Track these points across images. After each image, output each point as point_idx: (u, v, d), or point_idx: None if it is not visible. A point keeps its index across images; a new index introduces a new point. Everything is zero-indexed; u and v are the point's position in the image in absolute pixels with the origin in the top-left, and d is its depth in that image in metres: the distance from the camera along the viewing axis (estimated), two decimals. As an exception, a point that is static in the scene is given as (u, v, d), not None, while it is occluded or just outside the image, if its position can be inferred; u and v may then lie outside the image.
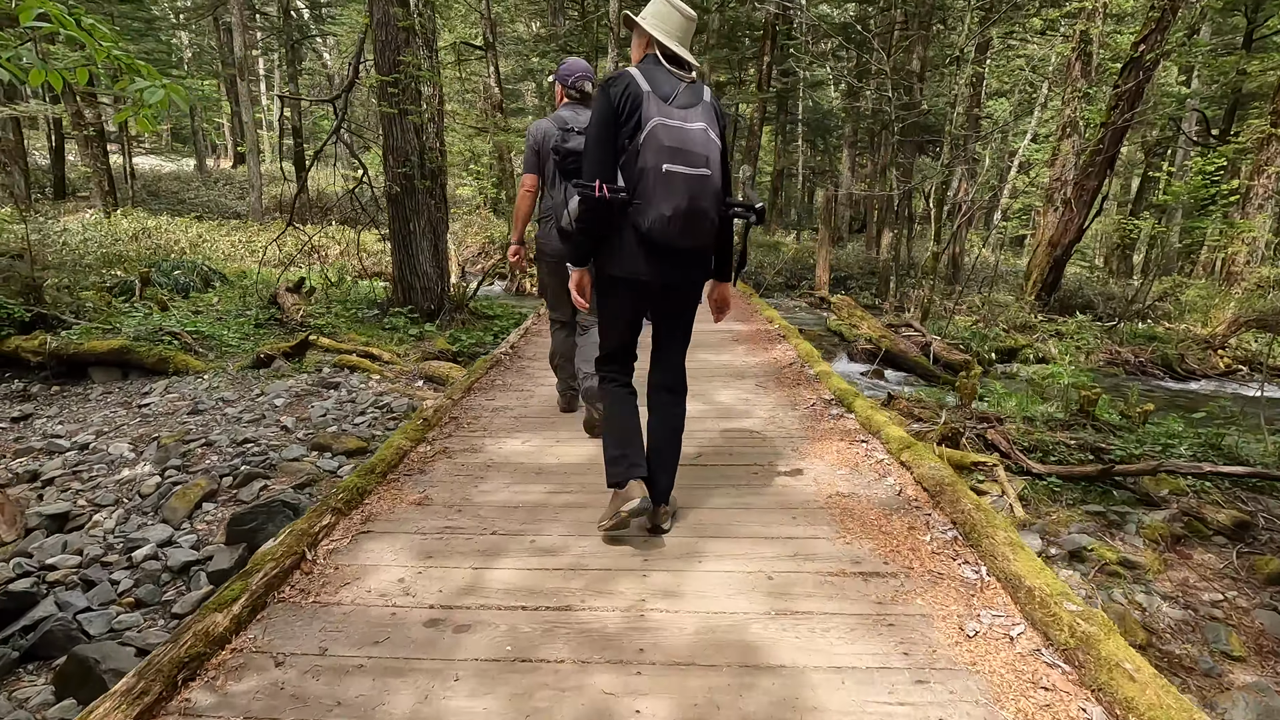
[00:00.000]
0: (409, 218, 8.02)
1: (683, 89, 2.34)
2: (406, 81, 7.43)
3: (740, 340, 6.16)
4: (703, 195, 2.29)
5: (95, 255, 10.26)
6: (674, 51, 2.36)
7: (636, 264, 2.38)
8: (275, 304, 7.59)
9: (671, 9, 2.38)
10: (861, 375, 9.31)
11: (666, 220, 2.25)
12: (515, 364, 5.32)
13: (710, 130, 2.34)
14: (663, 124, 2.24)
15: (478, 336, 7.95)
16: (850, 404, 4.21)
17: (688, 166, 2.25)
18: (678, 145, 2.24)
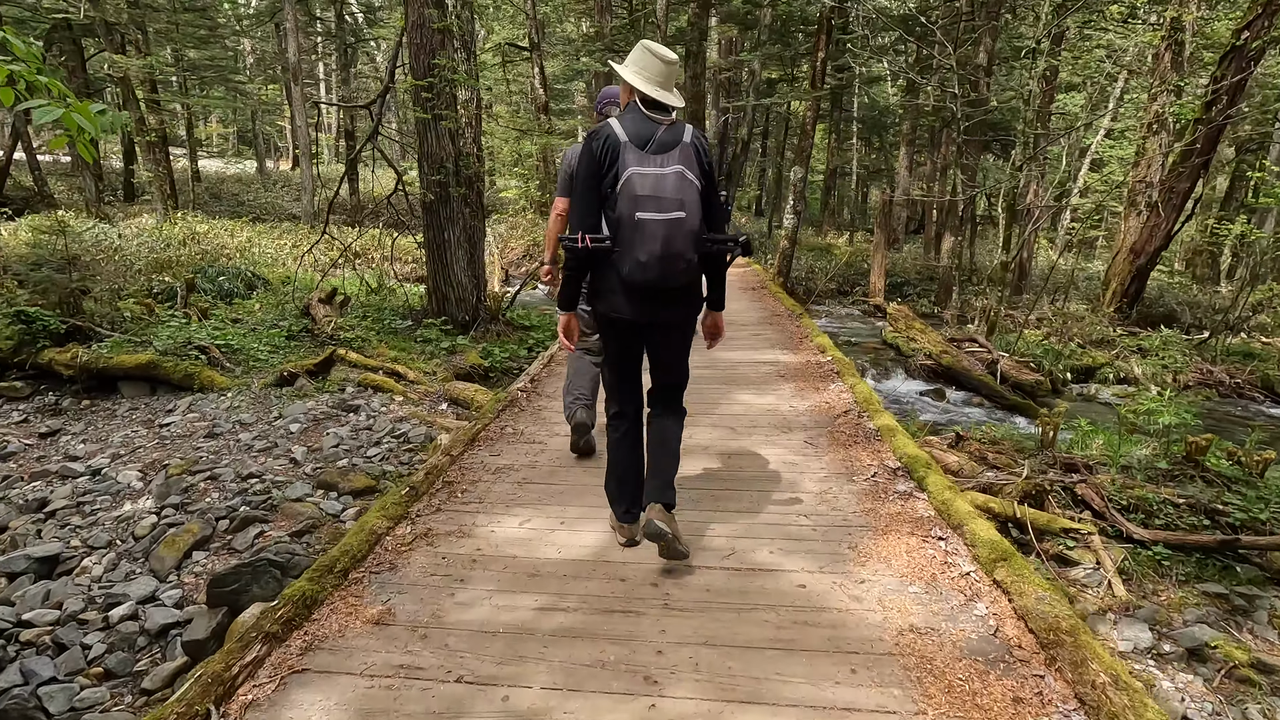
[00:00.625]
0: (444, 226, 7.72)
1: (661, 133, 2.39)
2: (441, 85, 7.11)
3: (787, 376, 5.36)
4: (676, 238, 2.33)
5: (145, 260, 10.35)
6: (652, 97, 2.41)
7: (620, 304, 2.48)
8: (308, 315, 7.40)
9: (651, 55, 2.43)
10: (920, 395, 8.61)
11: (642, 265, 2.34)
12: (531, 404, 4.70)
13: (688, 172, 2.37)
14: (637, 173, 2.32)
15: (511, 350, 7.59)
16: (922, 479, 3.40)
17: (660, 213, 2.31)
18: (649, 193, 2.31)
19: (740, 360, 5.50)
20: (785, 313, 7.63)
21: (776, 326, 6.88)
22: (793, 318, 7.39)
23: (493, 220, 18.70)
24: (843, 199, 29.43)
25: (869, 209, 31.24)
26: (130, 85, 14.92)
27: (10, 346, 6.20)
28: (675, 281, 2.42)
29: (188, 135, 25.25)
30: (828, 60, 12.48)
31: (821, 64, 12.26)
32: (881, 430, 3.96)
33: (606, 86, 3.53)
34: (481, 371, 7.14)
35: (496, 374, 7.23)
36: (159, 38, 17.80)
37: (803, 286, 14.34)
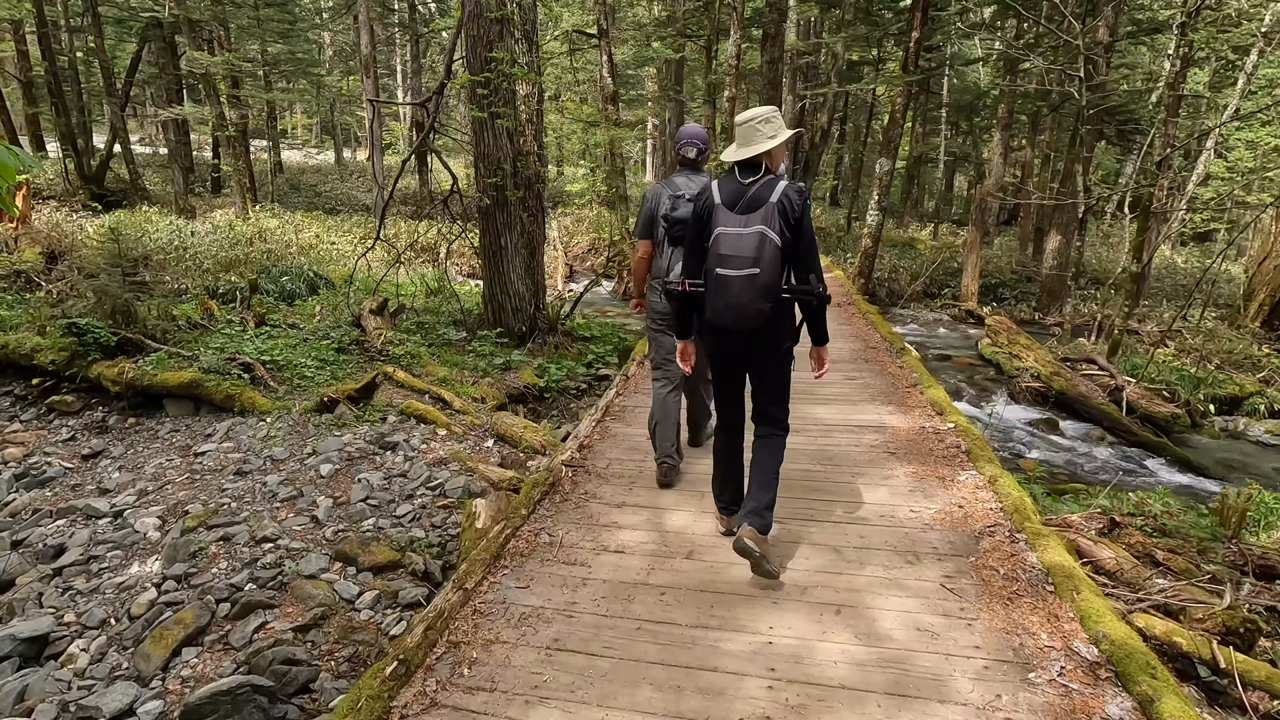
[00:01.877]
0: (500, 232, 7.13)
1: (751, 193, 2.59)
2: (497, 80, 6.47)
3: (900, 452, 3.89)
4: (747, 291, 2.56)
5: (214, 259, 10.27)
6: (741, 161, 2.65)
7: (708, 337, 2.82)
8: (359, 326, 6.98)
9: (737, 125, 2.67)
10: (1028, 425, 7.50)
11: (719, 312, 2.64)
12: (577, 491, 3.46)
13: (769, 230, 2.54)
14: (723, 232, 2.59)
15: (569, 367, 6.96)
16: (1150, 701, 2.00)
17: (735, 269, 2.56)
18: (729, 251, 2.57)
19: (836, 421, 4.37)
20: (881, 344, 6.34)
21: (874, 366, 5.58)
22: (891, 352, 5.99)
23: (557, 213, 18.19)
24: (925, 187, 27.48)
25: (954, 197, 29.11)
26: (212, 81, 15.05)
27: (63, 359, 5.99)
28: (748, 325, 2.62)
29: (270, 127, 25.83)
30: (922, 40, 11.18)
31: (915, 44, 10.97)
32: (1054, 574, 2.61)
33: (685, 126, 3.50)
34: (536, 393, 6.54)
35: (552, 394, 6.62)
36: (241, 33, 17.98)
37: (885, 289, 13.14)
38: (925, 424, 4.21)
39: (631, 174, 30.42)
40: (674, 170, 3.49)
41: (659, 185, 3.44)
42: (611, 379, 6.90)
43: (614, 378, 5.56)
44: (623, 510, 3.30)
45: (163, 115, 17.96)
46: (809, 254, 2.61)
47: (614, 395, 4.85)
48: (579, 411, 6.39)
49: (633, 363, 5.73)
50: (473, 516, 3.34)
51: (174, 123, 19.10)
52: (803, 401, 4.42)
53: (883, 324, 7.15)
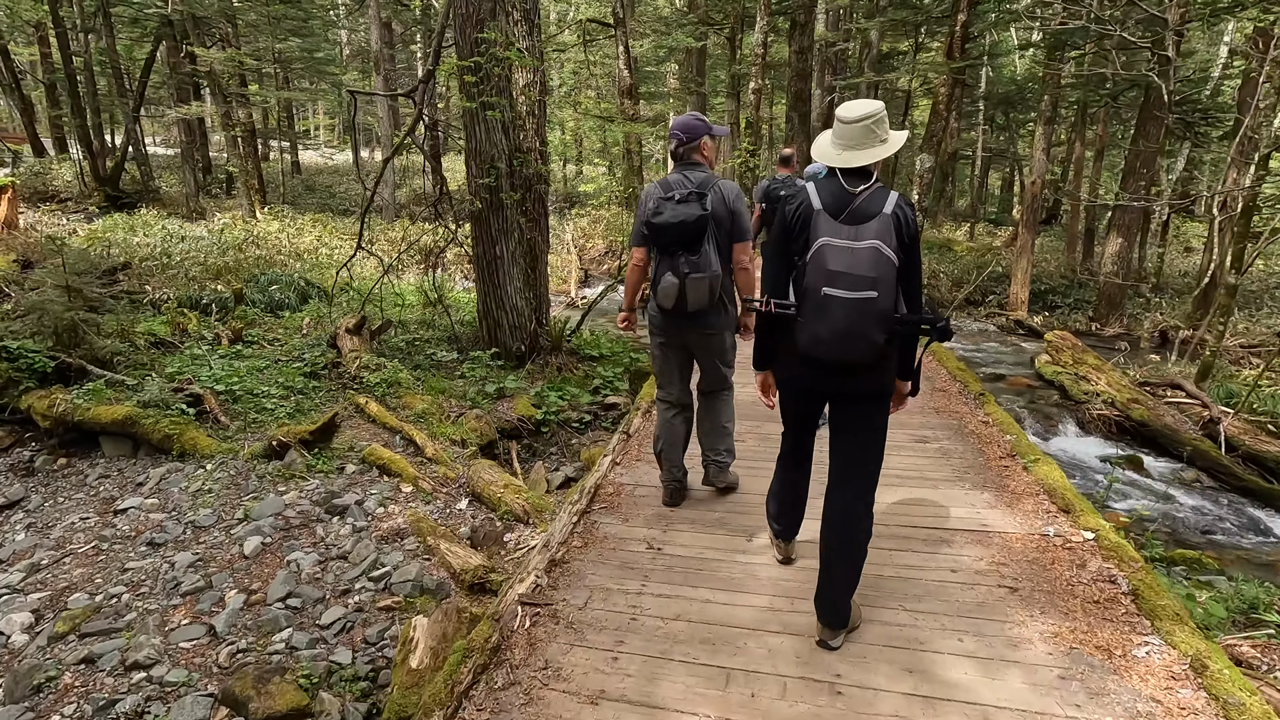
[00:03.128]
0: (495, 239, 6.19)
1: (859, 202, 2.13)
2: (489, 66, 5.52)
3: (1021, 589, 2.54)
4: (862, 319, 2.08)
5: (201, 267, 9.51)
6: (848, 167, 2.17)
7: (795, 369, 2.32)
8: (334, 346, 6.10)
9: (837, 120, 2.18)
10: (1105, 462, 6.38)
11: (821, 342, 2.13)
12: (533, 661, 2.20)
13: (884, 247, 2.08)
14: (829, 244, 2.11)
15: (571, 395, 6.00)
16: None
17: (848, 290, 2.07)
18: (840, 268, 2.08)
19: (913, 519, 3.07)
20: (950, 383, 4.99)
21: (949, 420, 4.22)
22: (967, 398, 4.61)
23: (573, 214, 17.25)
24: (958, 185, 26.05)
25: (987, 195, 27.58)
26: (218, 79, 14.37)
27: (-7, 387, 5.20)
28: (854, 359, 2.15)
29: (285, 128, 25.30)
30: (969, 25, 10.02)
31: (962, 29, 9.83)
32: None
33: (678, 117, 2.96)
34: (532, 426, 5.59)
35: (551, 428, 5.67)
36: (252, 31, 17.32)
37: (925, 296, 11.99)
38: (1046, 529, 2.90)
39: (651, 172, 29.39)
40: None
41: (654, 185, 2.95)
42: (619, 417, 5.94)
43: (623, 419, 4.43)
44: (598, 708, 2.01)
45: (170, 115, 17.40)
46: (920, 277, 2.23)
47: (607, 468, 3.50)
48: (580, 449, 5.43)
49: (637, 411, 4.44)
50: (408, 645, 2.39)
51: (185, 123, 18.54)
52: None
53: (946, 353, 5.87)
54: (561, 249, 14.79)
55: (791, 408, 2.45)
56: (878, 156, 2.15)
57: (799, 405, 2.43)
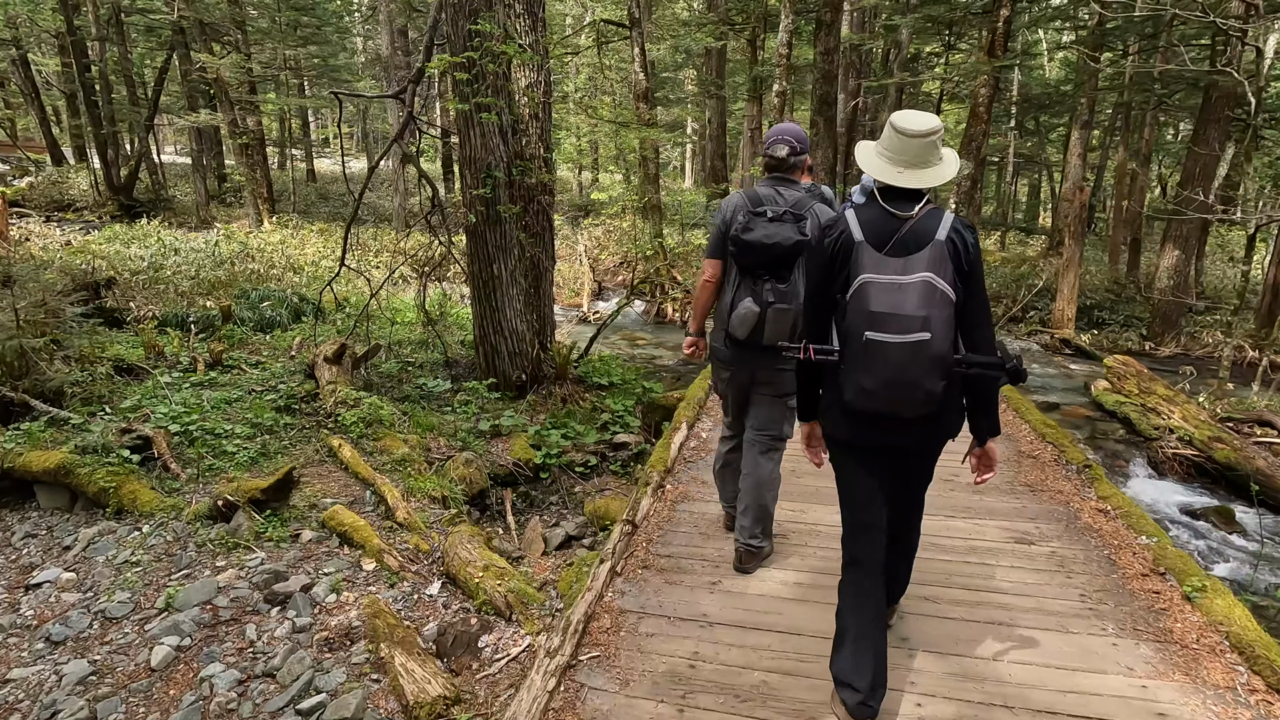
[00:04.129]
0: (492, 257, 5.49)
1: (908, 229, 1.83)
2: (483, 62, 4.82)
3: None
4: (914, 365, 1.78)
5: (192, 282, 8.93)
6: (894, 187, 1.88)
7: (841, 426, 2.00)
8: (312, 376, 5.43)
9: (894, 133, 1.86)
10: (1188, 515, 5.49)
11: (867, 393, 1.83)
12: None
13: (937, 280, 1.77)
14: (871, 282, 1.81)
15: (576, 433, 5.26)
16: None
17: (896, 334, 1.77)
18: (885, 309, 1.78)
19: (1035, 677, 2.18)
20: (1042, 447, 3.94)
21: (1051, 501, 3.27)
22: (1068, 468, 3.59)
23: (586, 223, 16.55)
24: (984, 192, 24.99)
25: (1015, 203, 26.50)
26: (224, 86, 13.90)
27: (-75, 425, 4.58)
28: (907, 412, 1.85)
29: (303, 135, 24.97)
30: (1012, 19, 9.17)
31: (1004, 25, 8.99)
32: None
33: (779, 124, 2.70)
34: (530, 471, 4.86)
35: (551, 473, 4.93)
36: (263, 37, 16.90)
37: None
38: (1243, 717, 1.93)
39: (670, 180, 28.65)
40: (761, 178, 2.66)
41: (738, 194, 2.66)
42: (630, 460, 5.18)
43: (630, 501, 3.50)
44: None
45: (179, 123, 17.03)
46: (984, 311, 1.90)
47: (603, 584, 2.58)
48: (584, 498, 4.69)
49: (646, 488, 3.38)
50: None
51: (196, 131, 18.17)
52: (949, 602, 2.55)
53: (1026, 403, 4.68)
54: (574, 260, 14.10)
55: (844, 476, 2.05)
56: (942, 178, 1.88)
57: (850, 468, 2.02)
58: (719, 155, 14.34)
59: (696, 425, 4.30)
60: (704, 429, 4.36)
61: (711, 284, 2.68)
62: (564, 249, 15.57)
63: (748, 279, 2.48)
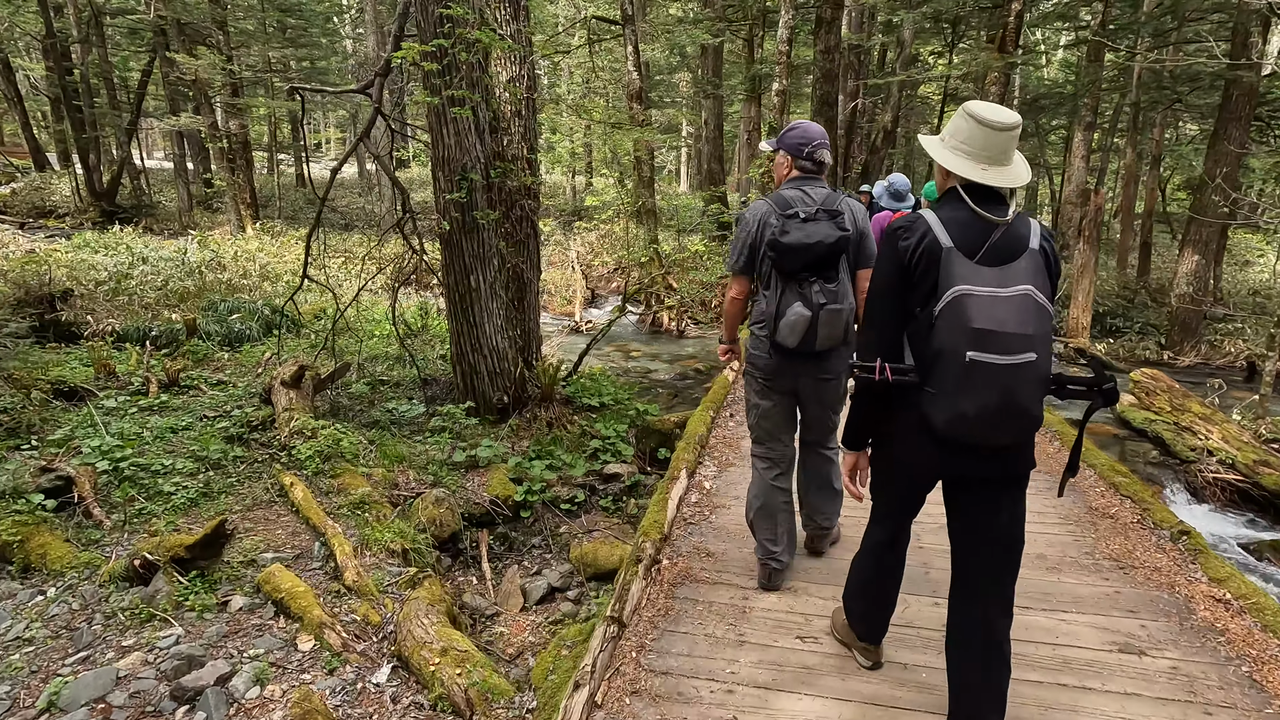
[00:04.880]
0: (469, 267, 4.93)
1: (999, 236, 1.65)
2: (454, 51, 4.27)
3: None
4: (1022, 389, 1.59)
5: (158, 293, 8.35)
6: (983, 185, 1.67)
7: (922, 454, 1.77)
8: (269, 402, 4.86)
9: (975, 124, 1.67)
10: (1243, 547, 4.97)
11: (968, 421, 1.62)
12: None
13: (1037, 294, 1.60)
14: (968, 295, 1.59)
15: (562, 463, 4.70)
16: None
17: (1002, 354, 1.56)
18: (990, 325, 1.57)
19: None
20: (1117, 501, 3.32)
21: (1150, 585, 2.62)
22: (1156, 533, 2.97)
23: (579, 227, 15.99)
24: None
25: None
26: (203, 88, 13.32)
27: None
28: (1012, 440, 1.67)
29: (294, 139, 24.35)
30: (1024, 13, 8.67)
31: (1017, 18, 8.49)
32: None
33: (799, 122, 2.54)
34: (510, 510, 4.29)
35: (533, 511, 4.36)
36: (248, 39, 16.32)
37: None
38: None
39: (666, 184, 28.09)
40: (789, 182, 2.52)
41: (761, 202, 2.52)
42: (622, 493, 4.62)
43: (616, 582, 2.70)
44: None
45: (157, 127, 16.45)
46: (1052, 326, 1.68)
47: (593, 688, 2.04)
48: (570, 540, 4.13)
49: (637, 568, 2.69)
50: None
51: (178, 134, 17.58)
52: None
53: (1100, 456, 3.91)
54: (568, 266, 13.55)
55: (902, 494, 1.94)
56: (1022, 178, 1.71)
57: (913, 491, 1.91)
58: (716, 158, 13.83)
59: (699, 472, 3.64)
60: (707, 476, 3.60)
61: (740, 300, 2.57)
62: (557, 254, 15.03)
63: (792, 284, 2.33)
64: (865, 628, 2.17)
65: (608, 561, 3.87)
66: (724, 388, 4.99)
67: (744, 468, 3.47)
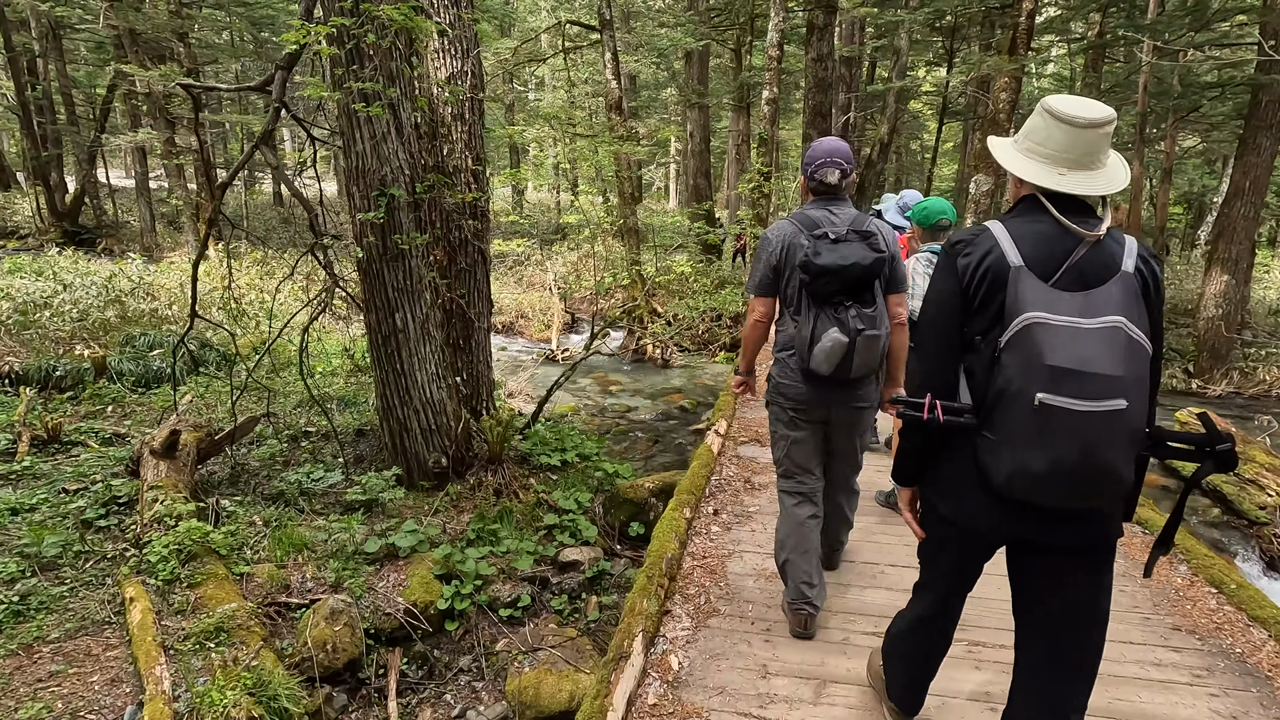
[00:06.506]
0: (393, 304, 3.95)
1: (1083, 254, 1.37)
2: (360, 33, 3.32)
3: None
4: (1109, 443, 1.30)
5: (77, 324, 7.33)
6: (1065, 193, 1.41)
7: (975, 508, 1.49)
8: (136, 474, 3.84)
9: (1054, 121, 1.41)
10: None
11: (1039, 479, 1.34)
12: None
13: (1130, 328, 1.31)
14: (1041, 323, 1.32)
15: (504, 550, 3.69)
16: None
17: (1083, 399, 1.29)
18: (1067, 363, 1.29)
19: None
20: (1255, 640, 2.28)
21: None
22: None
23: (559, 248, 15.05)
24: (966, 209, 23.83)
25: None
26: (156, 101, 12.38)
27: None
28: (1089, 503, 1.38)
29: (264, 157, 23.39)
30: (1034, 14, 7.86)
31: (1028, 18, 7.68)
32: None
33: (820, 141, 2.38)
34: (433, 619, 3.27)
35: (463, 622, 3.34)
36: (209, 51, 15.43)
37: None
38: None
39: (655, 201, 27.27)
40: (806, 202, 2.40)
41: (785, 223, 2.37)
42: (581, 588, 3.63)
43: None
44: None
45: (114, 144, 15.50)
46: (1159, 369, 1.43)
47: None
48: (509, 664, 3.12)
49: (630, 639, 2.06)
50: None
51: (140, 151, 16.62)
52: None
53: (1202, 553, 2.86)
54: (543, 288, 12.60)
55: (952, 558, 1.59)
56: (1118, 182, 1.39)
57: (965, 556, 1.57)
58: (702, 173, 12.98)
59: (663, 635, 2.38)
60: (677, 642, 2.34)
61: (764, 324, 2.44)
62: (536, 275, 14.09)
63: (826, 308, 2.21)
64: (900, 696, 1.90)
65: (553, 702, 2.87)
66: (706, 465, 3.86)
67: (740, 618, 2.53)
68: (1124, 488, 1.36)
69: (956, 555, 1.60)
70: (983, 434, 1.40)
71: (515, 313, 12.05)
